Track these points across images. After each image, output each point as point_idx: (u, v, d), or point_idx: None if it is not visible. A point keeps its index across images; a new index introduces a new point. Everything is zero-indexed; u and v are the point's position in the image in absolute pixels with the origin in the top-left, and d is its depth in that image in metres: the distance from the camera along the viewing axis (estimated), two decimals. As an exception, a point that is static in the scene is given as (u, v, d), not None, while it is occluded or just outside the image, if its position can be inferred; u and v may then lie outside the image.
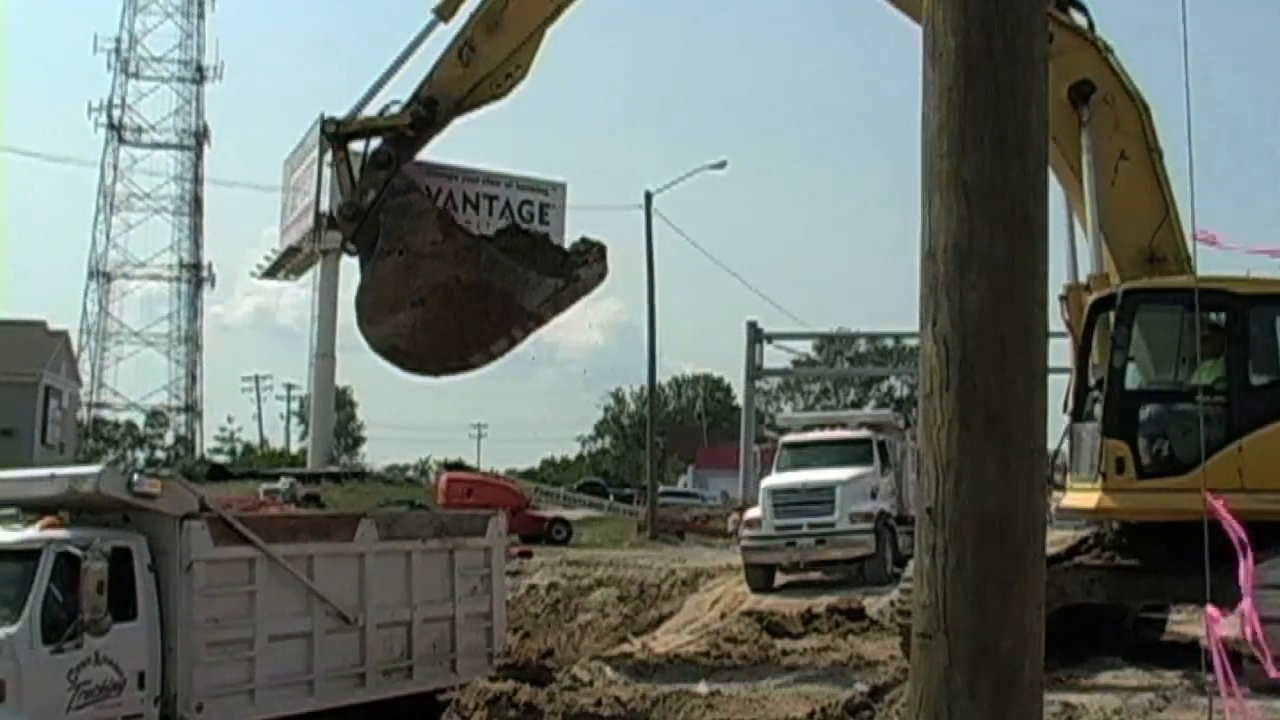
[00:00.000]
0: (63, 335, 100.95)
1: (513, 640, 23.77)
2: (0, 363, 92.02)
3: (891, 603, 22.21)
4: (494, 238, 21.10)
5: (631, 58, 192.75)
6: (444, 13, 20.46)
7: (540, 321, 21.31)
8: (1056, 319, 17.08)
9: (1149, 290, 17.15)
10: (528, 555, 36.97)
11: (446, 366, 20.91)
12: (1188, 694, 15.04)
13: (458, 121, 20.88)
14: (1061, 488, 17.60)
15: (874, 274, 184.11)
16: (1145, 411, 17.02)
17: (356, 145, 21.09)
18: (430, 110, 20.23)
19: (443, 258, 19.49)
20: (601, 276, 21.07)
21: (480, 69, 20.11)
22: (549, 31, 20.63)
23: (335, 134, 20.33)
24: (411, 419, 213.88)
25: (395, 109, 20.58)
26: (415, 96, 20.25)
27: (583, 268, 20.51)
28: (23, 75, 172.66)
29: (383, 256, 20.06)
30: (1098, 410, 16.84)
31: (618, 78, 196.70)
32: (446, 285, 19.49)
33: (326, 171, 34.25)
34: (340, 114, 20.81)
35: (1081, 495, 16.90)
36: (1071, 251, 18.21)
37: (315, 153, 23.57)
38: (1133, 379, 17.18)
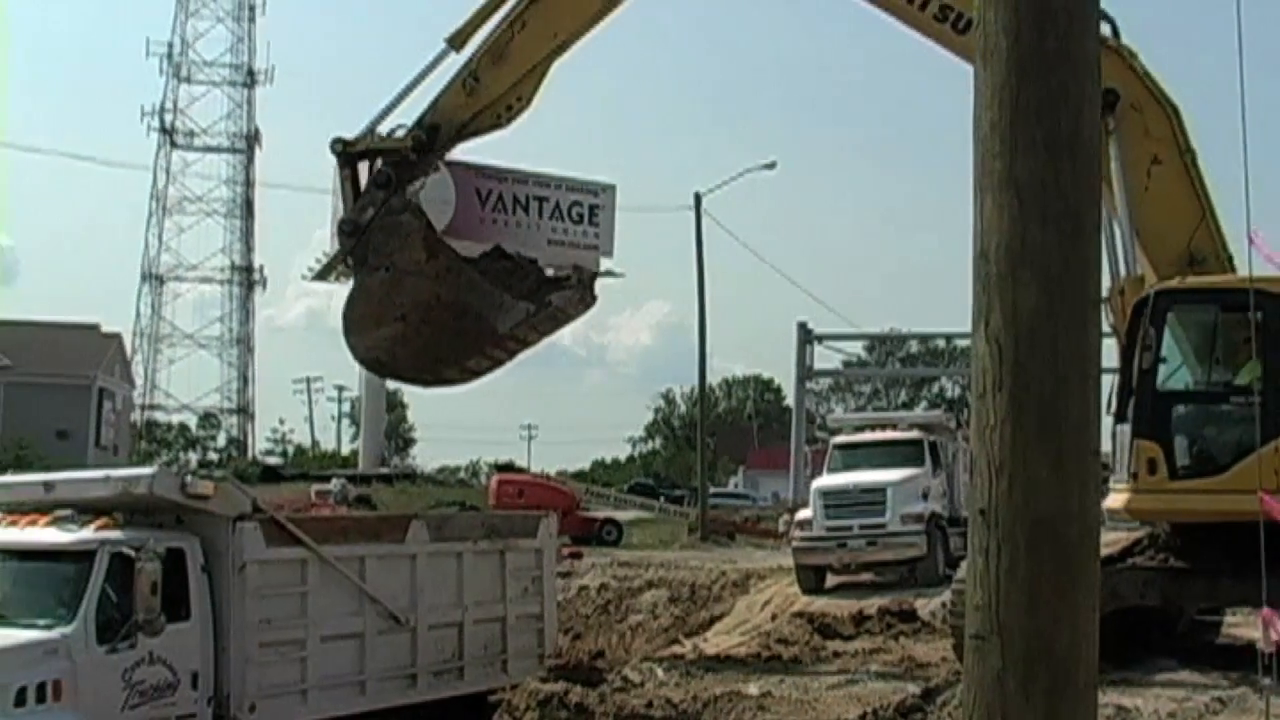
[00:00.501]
0: (116, 338, 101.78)
1: (564, 641, 23.81)
2: (55, 365, 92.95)
3: (943, 604, 22.16)
4: (478, 260, 21.35)
5: (681, 57, 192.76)
6: (455, 42, 20.91)
7: (521, 343, 21.85)
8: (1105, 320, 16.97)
9: (1181, 291, 17.05)
10: (578, 556, 36.98)
11: (421, 378, 21.45)
12: (1243, 697, 14.93)
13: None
14: None
15: (925, 274, 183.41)
16: (1178, 412, 16.92)
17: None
18: (432, 136, 20.78)
19: (425, 276, 19.94)
20: (584, 304, 21.34)
21: (483, 98, 20.59)
22: (554, 65, 21.08)
23: (343, 152, 20.69)
24: (462, 420, 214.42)
25: (400, 132, 20.95)
26: (419, 122, 20.73)
27: (557, 294, 20.84)
28: (76, 80, 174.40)
29: (371, 272, 20.62)
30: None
31: (667, 78, 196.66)
32: (427, 303, 19.95)
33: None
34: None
35: (1115, 496, 16.80)
36: (1115, 253, 18.10)
37: (402, 128, 23.92)
38: (1167, 380, 17.04)
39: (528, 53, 20.31)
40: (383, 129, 21.23)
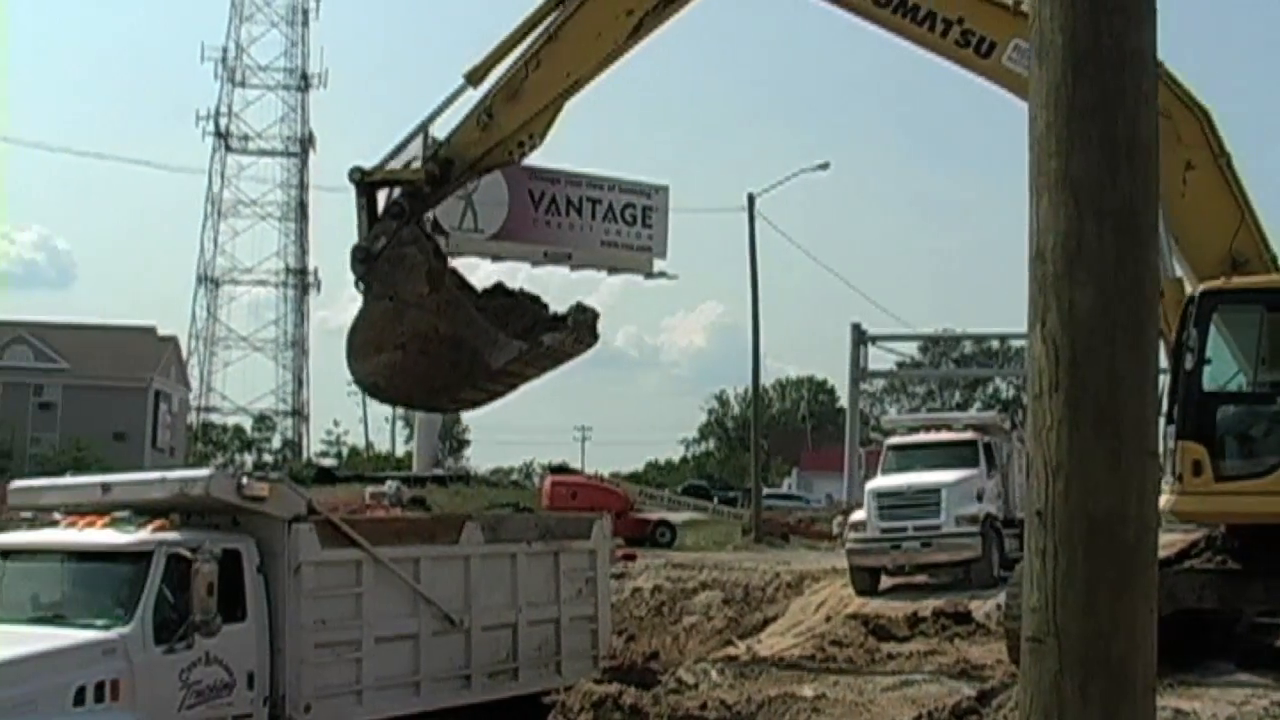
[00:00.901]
0: (172, 341, 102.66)
1: (618, 643, 23.82)
2: (112, 368, 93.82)
3: (998, 606, 22.04)
4: (479, 295, 21.54)
5: (734, 59, 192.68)
6: (473, 79, 21.13)
7: (517, 377, 22.14)
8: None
9: (1226, 291, 16.94)
10: (632, 558, 36.92)
11: (415, 405, 21.84)
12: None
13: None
14: None
15: (979, 275, 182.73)
16: (1223, 413, 16.80)
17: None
18: (446, 170, 21.08)
19: (426, 309, 20.26)
20: (581, 344, 21.49)
21: (496, 134, 20.87)
22: (567, 104, 21.26)
23: (360, 181, 20.99)
24: (516, 422, 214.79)
25: (417, 163, 21.27)
26: (434, 155, 20.98)
27: (550, 334, 21.05)
28: (132, 84, 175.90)
29: (375, 300, 21.01)
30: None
31: (721, 79, 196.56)
32: (426, 335, 20.29)
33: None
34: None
35: (1162, 498, 16.68)
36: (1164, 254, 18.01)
37: (419, 158, 24.07)
38: (1212, 381, 16.91)
39: (541, 91, 20.58)
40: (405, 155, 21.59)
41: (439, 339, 20.25)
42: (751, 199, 55.33)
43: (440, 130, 21.37)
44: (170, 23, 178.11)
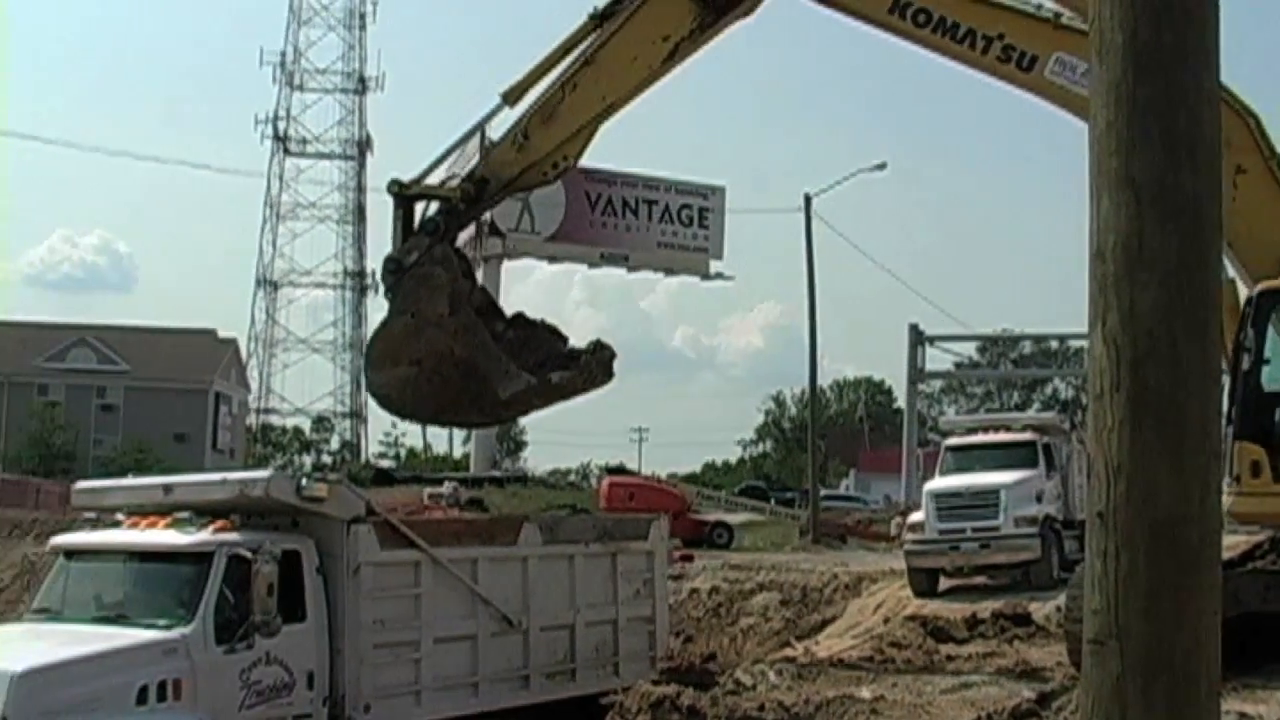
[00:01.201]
0: (232, 343, 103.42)
1: (675, 644, 23.80)
2: (173, 370, 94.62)
3: (1058, 608, 21.91)
4: (499, 323, 21.59)
5: (791, 59, 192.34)
6: (510, 98, 21.27)
7: (524, 407, 22.42)
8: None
9: None
10: (689, 559, 36.94)
11: (422, 420, 22.01)
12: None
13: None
14: None
15: (1038, 275, 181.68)
16: None
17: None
18: (480, 189, 21.16)
19: (444, 330, 20.41)
20: (591, 383, 21.51)
21: (531, 156, 20.99)
22: (602, 127, 21.34)
23: (399, 194, 21.14)
24: (572, 424, 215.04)
25: (454, 181, 21.56)
26: (470, 175, 21.20)
27: (558, 373, 21.20)
28: (192, 89, 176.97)
29: (397, 315, 21.20)
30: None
31: (777, 78, 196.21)
32: (441, 354, 20.44)
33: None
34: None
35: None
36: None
37: (476, 160, 24.25)
38: (1271, 381, 16.75)
39: (577, 114, 20.70)
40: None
41: (453, 361, 20.41)
42: (809, 199, 55.14)
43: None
44: (229, 27, 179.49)
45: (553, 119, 20.67)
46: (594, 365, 21.57)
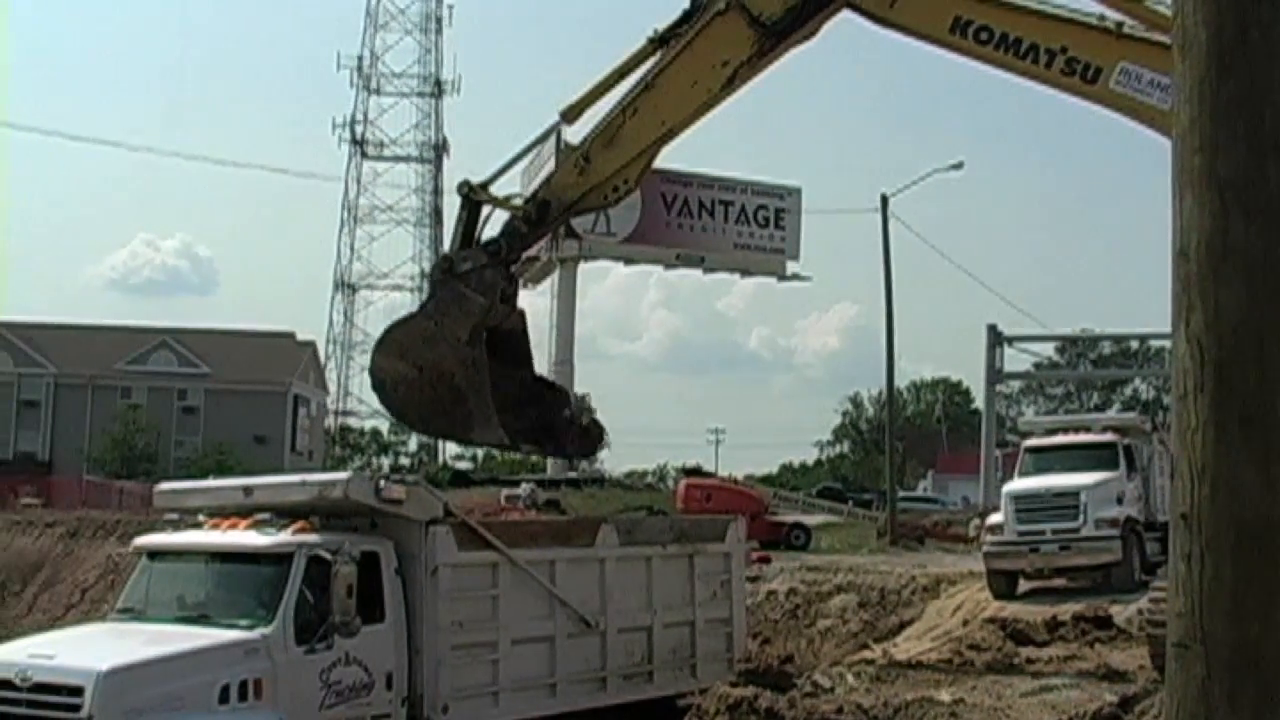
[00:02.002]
0: (310, 346, 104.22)
1: (752, 646, 23.74)
2: (252, 373, 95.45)
3: (1140, 611, 21.69)
4: (520, 368, 21.58)
5: (868, 60, 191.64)
6: (568, 117, 21.55)
7: (494, 447, 22.68)
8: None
9: None
10: (767, 561, 36.85)
11: (402, 419, 22.27)
12: None
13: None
14: None
15: (1117, 274, 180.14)
16: None
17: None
18: (542, 211, 21.20)
19: (456, 353, 20.59)
20: (559, 455, 21.54)
21: (592, 179, 21.03)
22: (664, 149, 21.45)
23: (467, 195, 21.18)
24: (650, 425, 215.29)
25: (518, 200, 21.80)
26: (532, 197, 21.40)
27: (528, 445, 21.52)
28: (271, 94, 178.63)
29: (424, 316, 21.50)
30: None
31: (854, 79, 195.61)
32: (443, 373, 20.63)
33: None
34: None
35: None
36: None
37: (552, 163, 24.41)
38: None
39: (637, 138, 20.76)
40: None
41: (449, 385, 20.55)
42: (885, 200, 54.86)
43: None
44: (307, 33, 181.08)
45: (614, 143, 20.73)
46: (572, 446, 21.80)
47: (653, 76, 20.50)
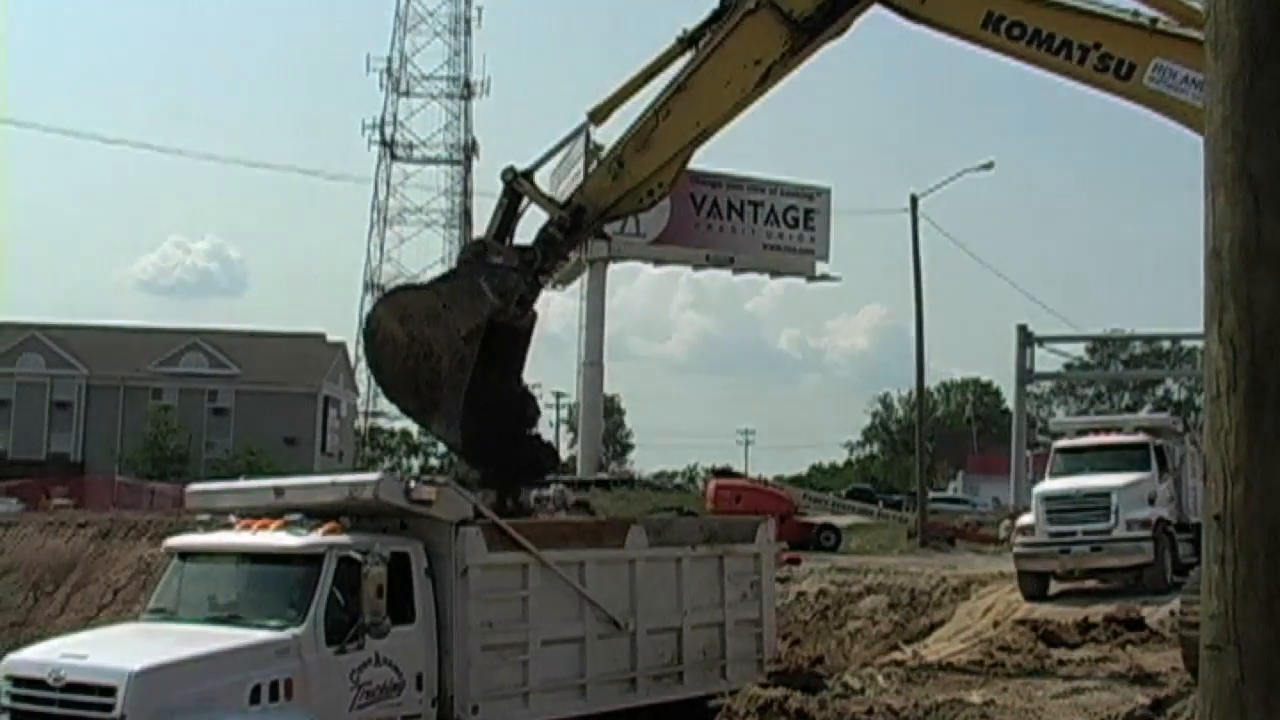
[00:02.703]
0: (341, 347, 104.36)
1: (782, 647, 23.73)
2: (283, 374, 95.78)
3: (1172, 613, 21.60)
4: (507, 378, 21.36)
5: (895, 61, 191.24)
6: (595, 118, 21.53)
7: (449, 446, 22.51)
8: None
9: None
10: (797, 562, 36.76)
11: (377, 380, 22.14)
12: None
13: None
14: None
15: (1149, 274, 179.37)
16: None
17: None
18: (577, 217, 21.01)
19: (449, 342, 20.30)
20: (507, 478, 21.09)
21: (627, 183, 20.87)
22: (698, 151, 21.33)
23: (511, 182, 21.09)
24: (679, 426, 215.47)
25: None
26: (567, 203, 21.22)
27: (477, 460, 21.38)
28: (301, 96, 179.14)
29: (434, 293, 21.18)
30: None
31: (882, 80, 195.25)
32: (429, 353, 20.37)
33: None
34: None
35: None
36: None
37: (581, 164, 24.37)
38: None
39: (671, 140, 20.63)
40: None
41: (430, 368, 20.31)
42: (914, 200, 54.77)
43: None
44: (337, 34, 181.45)
45: (647, 146, 20.60)
46: (521, 468, 21.42)
47: (685, 77, 20.40)
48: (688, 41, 20.42)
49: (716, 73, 20.31)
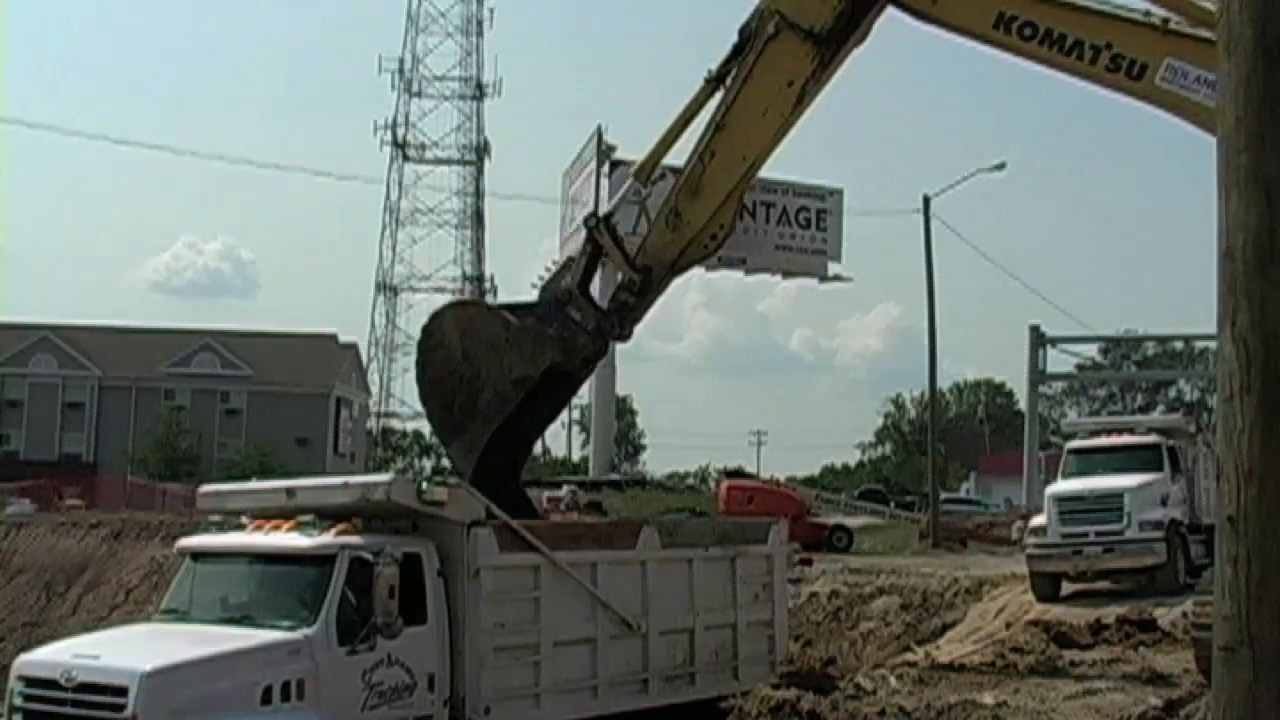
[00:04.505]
0: (353, 348, 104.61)
1: (794, 648, 23.72)
2: (295, 375, 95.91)
3: (1185, 614, 21.57)
4: (528, 425, 21.25)
5: (909, 62, 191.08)
6: (640, 176, 21.38)
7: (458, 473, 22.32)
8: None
9: None
10: (809, 563, 36.75)
11: (419, 378, 21.55)
12: None
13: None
14: None
15: (1162, 274, 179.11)
16: None
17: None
18: (646, 279, 20.85)
19: (500, 377, 20.00)
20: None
21: (688, 232, 20.68)
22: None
23: (592, 229, 21.14)
24: (691, 427, 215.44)
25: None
26: (631, 264, 20.90)
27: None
28: (313, 97, 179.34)
29: (504, 324, 20.73)
30: None
31: (896, 80, 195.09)
32: (476, 378, 20.13)
33: (604, 183, 34.59)
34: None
35: None
36: None
37: (593, 165, 24.29)
38: None
39: (722, 181, 20.48)
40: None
41: (470, 394, 20.09)
42: (927, 200, 54.76)
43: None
44: (348, 35, 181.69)
45: (700, 192, 20.42)
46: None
47: (721, 116, 20.19)
48: (716, 81, 20.24)
49: (752, 104, 20.16)
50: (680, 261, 21.12)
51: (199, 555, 17.59)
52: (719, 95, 20.26)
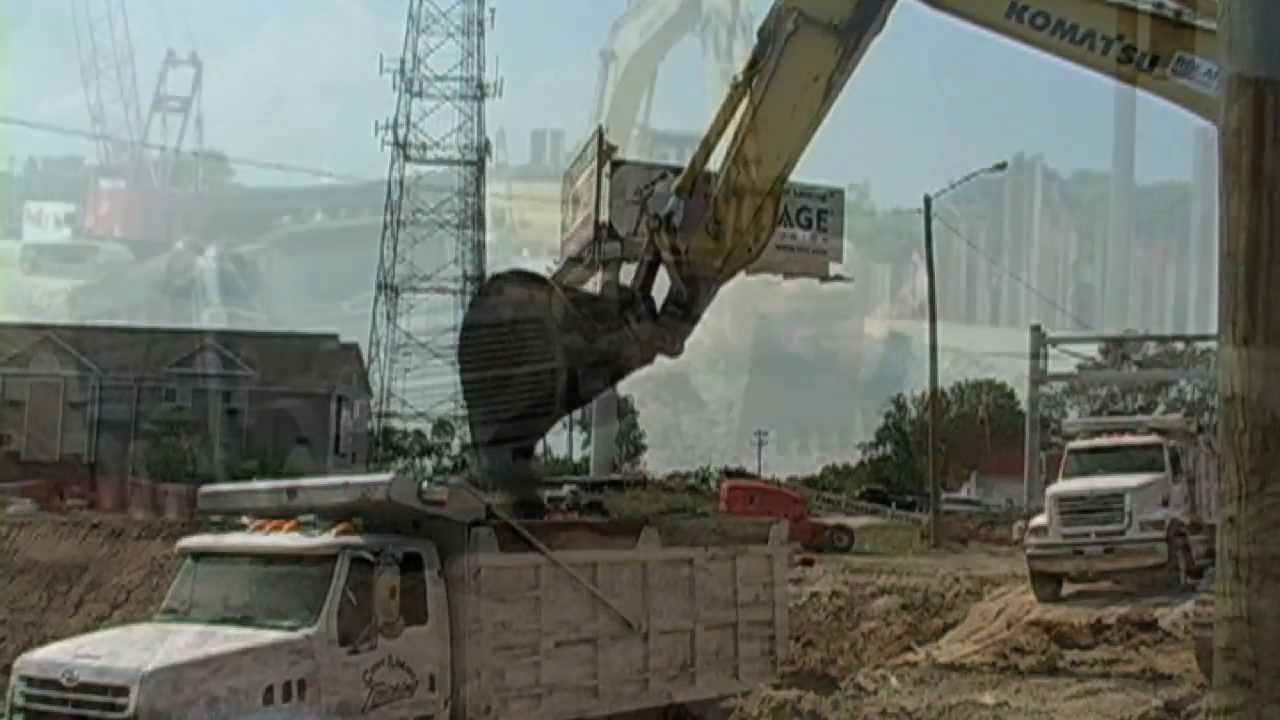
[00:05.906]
0: (354, 348, 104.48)
1: (795, 648, 23.72)
2: (296, 375, 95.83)
3: (1186, 614, 21.59)
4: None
5: (914, 63, 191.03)
6: (681, 192, 21.01)
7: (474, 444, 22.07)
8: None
9: None
10: (810, 563, 36.77)
11: (461, 335, 21.57)
12: None
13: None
14: None
15: (1165, 275, 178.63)
16: None
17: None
18: (693, 291, 20.81)
19: (541, 363, 19.72)
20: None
21: (730, 239, 20.62)
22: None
23: (654, 230, 20.96)
24: (692, 427, 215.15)
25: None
26: (677, 271, 20.76)
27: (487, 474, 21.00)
28: (315, 97, 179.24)
29: (564, 307, 20.41)
30: None
31: (899, 81, 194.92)
32: (518, 354, 19.89)
33: (605, 183, 34.53)
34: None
35: None
36: None
37: (594, 164, 24.19)
38: None
39: (758, 184, 20.39)
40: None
41: (508, 368, 20.01)
42: (928, 201, 54.80)
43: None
44: (349, 37, 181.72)
45: (737, 197, 20.42)
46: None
47: (750, 118, 20.14)
48: (742, 86, 20.23)
49: (780, 103, 20.09)
50: (724, 269, 21.03)
51: (200, 555, 17.58)
52: (746, 102, 20.23)
